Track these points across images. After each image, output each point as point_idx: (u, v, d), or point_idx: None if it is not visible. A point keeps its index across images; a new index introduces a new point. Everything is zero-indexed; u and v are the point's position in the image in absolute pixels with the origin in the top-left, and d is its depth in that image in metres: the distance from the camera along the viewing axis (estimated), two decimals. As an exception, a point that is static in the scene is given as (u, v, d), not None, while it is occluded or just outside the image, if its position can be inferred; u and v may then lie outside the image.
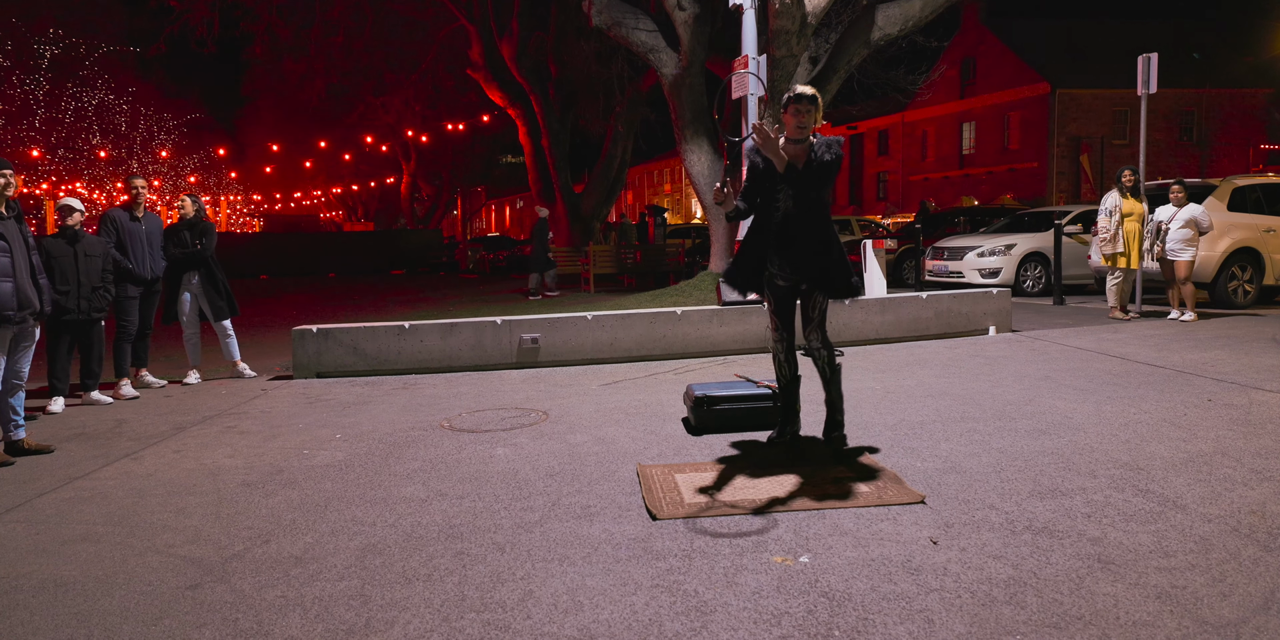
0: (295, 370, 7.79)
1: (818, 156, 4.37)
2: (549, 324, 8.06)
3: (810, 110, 4.39)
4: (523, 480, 4.36)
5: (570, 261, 19.00)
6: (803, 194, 4.39)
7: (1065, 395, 5.97)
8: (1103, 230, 10.23)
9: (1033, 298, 13.71)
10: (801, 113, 4.40)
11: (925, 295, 9.10)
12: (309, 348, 7.75)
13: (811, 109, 4.39)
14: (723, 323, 8.37)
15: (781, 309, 4.62)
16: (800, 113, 4.40)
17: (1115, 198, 10.18)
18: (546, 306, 13.45)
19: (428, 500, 4.09)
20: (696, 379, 7.03)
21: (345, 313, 14.47)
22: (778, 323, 4.65)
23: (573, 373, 7.66)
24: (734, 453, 4.74)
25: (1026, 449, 4.62)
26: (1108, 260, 10.24)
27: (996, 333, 9.24)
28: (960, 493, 3.93)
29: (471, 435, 5.39)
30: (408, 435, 5.44)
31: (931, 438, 4.91)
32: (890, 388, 6.44)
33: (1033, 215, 16.18)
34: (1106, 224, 10.17)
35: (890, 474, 4.21)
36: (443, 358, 7.88)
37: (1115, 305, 10.35)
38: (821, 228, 4.41)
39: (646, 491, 4.05)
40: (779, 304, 4.62)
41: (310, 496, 4.21)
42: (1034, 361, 7.46)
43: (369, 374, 7.78)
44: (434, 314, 12.81)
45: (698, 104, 12.85)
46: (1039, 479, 4.10)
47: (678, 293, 12.16)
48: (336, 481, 4.45)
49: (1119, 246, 10.10)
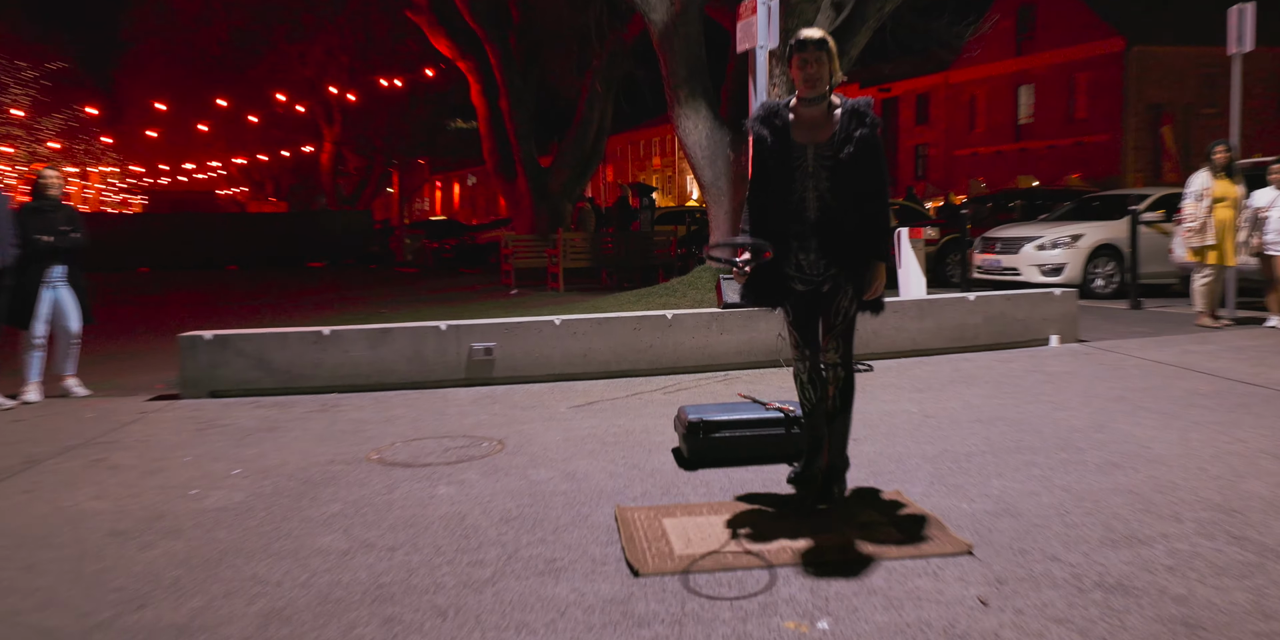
0: (183, 388, 7.72)
1: (848, 130, 4.25)
2: (506, 330, 8.02)
3: (821, 58, 4.28)
4: (471, 527, 4.32)
5: (534, 253, 19.00)
6: (835, 179, 4.29)
7: (1143, 420, 5.99)
8: (1189, 218, 10.31)
9: (1103, 300, 13.80)
10: (809, 62, 4.29)
11: (973, 297, 9.13)
12: (201, 359, 7.68)
13: (822, 56, 4.28)
14: (724, 329, 8.36)
15: (803, 320, 4.52)
16: (808, 62, 4.29)
17: (1204, 178, 10.26)
18: (504, 308, 13.43)
19: (350, 553, 4.05)
20: (691, 400, 7.02)
21: (249, 315, 14.40)
22: (799, 338, 4.54)
23: (536, 391, 7.63)
24: (737, 492, 4.72)
25: (1096, 486, 4.63)
26: (1195, 255, 10.32)
27: (1060, 343, 9.28)
28: (1016, 541, 3.93)
29: (407, 470, 5.35)
30: (326, 470, 5.39)
31: (980, 473, 4.92)
32: (930, 411, 6.45)
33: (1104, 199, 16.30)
34: (1194, 211, 10.25)
35: (930, 518, 4.21)
36: (372, 372, 7.84)
37: (1203, 310, 10.43)
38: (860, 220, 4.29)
39: (627, 541, 4.03)
40: (800, 314, 4.51)
41: (199, 549, 4.16)
42: (1105, 378, 7.48)
43: (278, 392, 7.72)
44: (362, 317, 12.75)
45: (694, 58, 12.88)
46: (1111, 524, 4.10)
47: (668, 292, 12.17)
48: (234, 529, 4.40)
49: (1209, 238, 10.18)
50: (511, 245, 19.09)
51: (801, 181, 4.36)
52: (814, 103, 4.37)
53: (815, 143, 4.35)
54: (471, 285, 20.03)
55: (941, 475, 4.90)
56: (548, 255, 18.35)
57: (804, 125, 4.40)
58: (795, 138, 4.39)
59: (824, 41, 4.31)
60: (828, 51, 4.31)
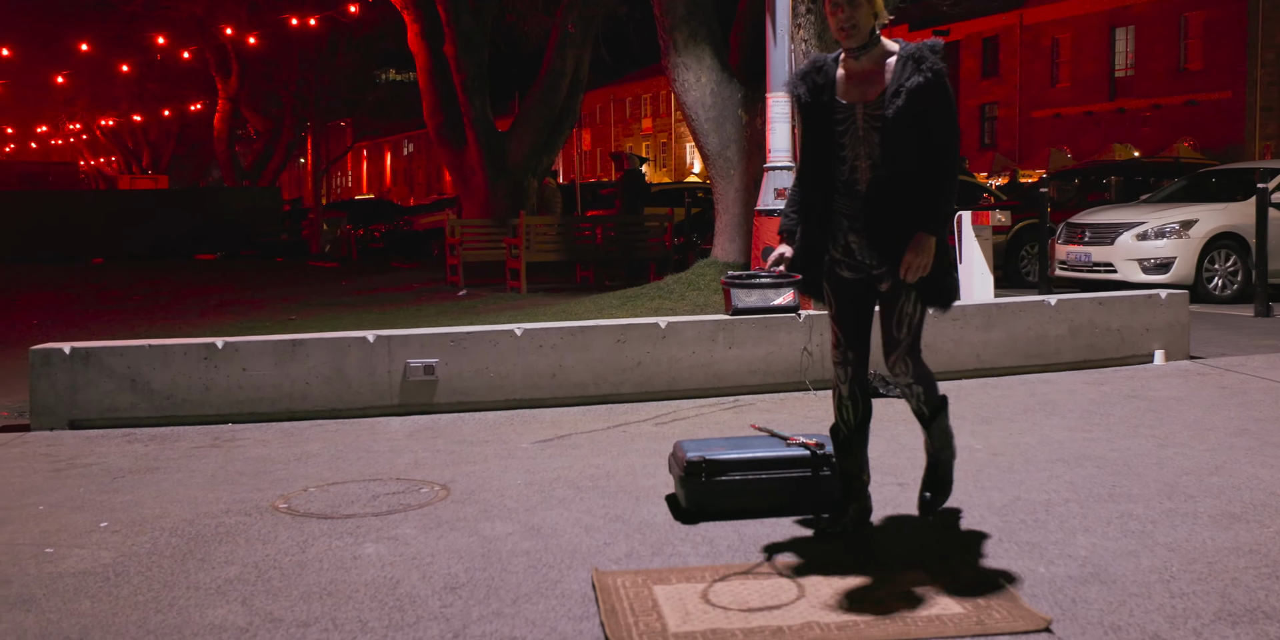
0: (34, 417, 7.70)
1: (900, 81, 4.38)
2: (452, 343, 8.03)
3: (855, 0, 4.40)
4: (407, 596, 4.33)
5: (489, 242, 18.98)
6: (888, 143, 4.41)
7: (1273, 460, 6.01)
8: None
9: (1223, 305, 13.86)
10: (840, 6, 4.41)
11: (1054, 300, 9.17)
12: (58, 379, 7.66)
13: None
14: (733, 342, 8.38)
15: (847, 314, 4.69)
16: (838, 6, 4.42)
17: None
18: (449, 315, 13.43)
19: (250, 630, 4.04)
20: (691, 433, 7.02)
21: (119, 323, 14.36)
22: (840, 336, 4.72)
23: (490, 422, 7.62)
24: (749, 552, 4.73)
25: (1212, 545, 4.65)
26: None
27: (1166, 360, 9.32)
28: (1108, 614, 3.94)
29: (324, 523, 5.34)
30: (219, 524, 5.38)
31: (1063, 527, 4.93)
32: (999, 448, 6.47)
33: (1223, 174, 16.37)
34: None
35: (999, 584, 4.22)
36: (279, 396, 7.84)
37: (1354, 318, 10.49)
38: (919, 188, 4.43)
39: (607, 614, 4.04)
40: (844, 306, 4.69)
41: (55, 624, 4.15)
42: (1224, 407, 7.51)
43: (157, 423, 7.70)
44: (266, 325, 12.73)
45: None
46: (1230, 592, 4.12)
47: (661, 294, 12.17)
48: (100, 600, 4.39)
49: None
50: (459, 233, 19.07)
51: (852, 148, 4.52)
52: (861, 53, 4.49)
53: (865, 101, 4.48)
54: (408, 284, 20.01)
55: (1013, 530, 4.91)
56: (506, 246, 18.33)
57: (853, 81, 4.54)
58: (841, 97, 4.52)
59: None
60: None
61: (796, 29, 10.96)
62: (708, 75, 12.74)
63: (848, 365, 4.72)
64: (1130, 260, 14.58)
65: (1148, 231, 14.55)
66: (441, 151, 23.46)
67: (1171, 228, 14.44)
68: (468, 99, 21.89)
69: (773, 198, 9.86)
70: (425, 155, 79.20)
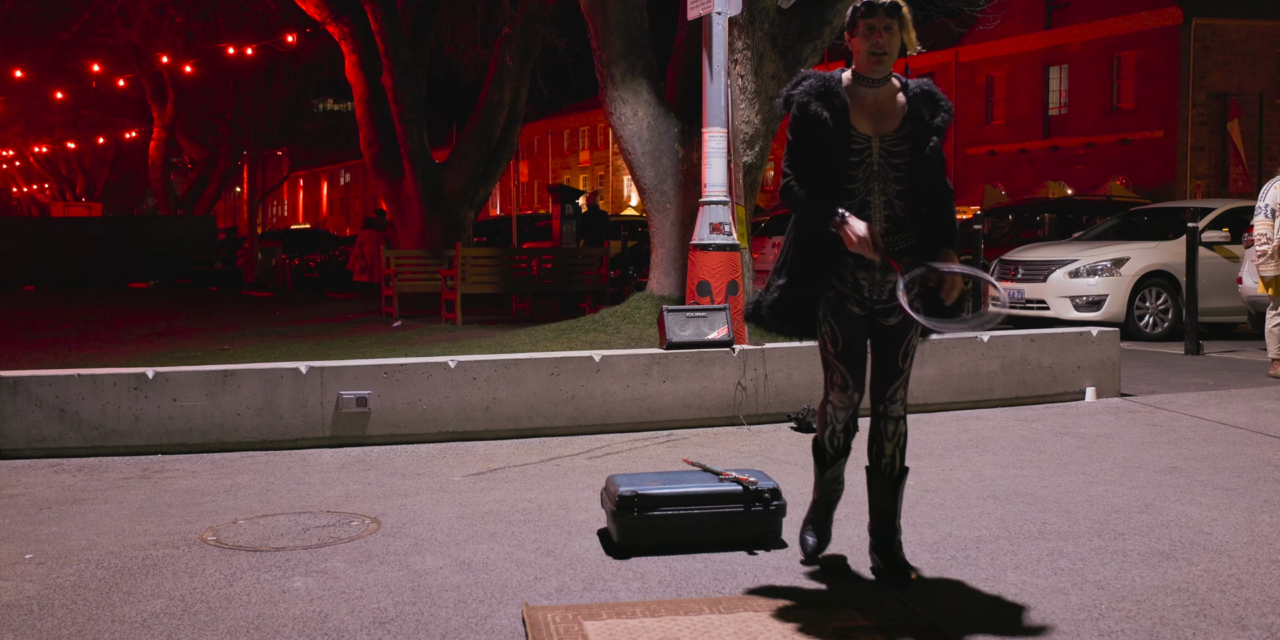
0: (-40, 446, 7.60)
1: (923, 118, 4.44)
2: (386, 375, 8.01)
3: (892, 27, 4.38)
4: (335, 631, 4.30)
5: (424, 274, 18.93)
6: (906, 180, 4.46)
7: (1202, 498, 6.10)
8: (1261, 240, 10.52)
9: (1154, 342, 14.04)
10: (877, 30, 4.37)
11: (987, 337, 9.25)
12: (-15, 409, 7.58)
13: (893, 25, 4.37)
14: (667, 376, 8.40)
15: (857, 352, 4.64)
16: (874, 30, 4.37)
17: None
18: (383, 346, 13.37)
19: (176, 664, 4.00)
20: (623, 467, 7.03)
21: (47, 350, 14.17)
22: (850, 377, 4.66)
23: (423, 454, 7.61)
24: (681, 588, 4.74)
25: (1140, 583, 4.70)
26: (1267, 287, 10.53)
27: (1097, 397, 9.43)
28: (1036, 653, 3.98)
29: (253, 556, 5.30)
30: (146, 556, 5.33)
31: (994, 564, 4.98)
32: (931, 484, 6.52)
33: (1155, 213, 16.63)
34: (1267, 230, 10.46)
35: (930, 622, 4.25)
36: (209, 427, 7.78)
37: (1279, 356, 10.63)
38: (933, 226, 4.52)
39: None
40: (852, 343, 4.62)
41: (-23, 658, 4.09)
42: (1154, 444, 7.61)
43: (85, 453, 7.62)
44: (198, 355, 12.62)
45: (633, 26, 12.98)
46: (1158, 631, 4.16)
47: (596, 326, 12.16)
48: (24, 633, 4.34)
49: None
50: (395, 264, 19.01)
51: (864, 182, 4.47)
52: (877, 84, 4.47)
53: (881, 134, 4.45)
54: (342, 315, 19.89)
55: (944, 567, 4.95)
56: (442, 277, 18.28)
57: (865, 112, 4.48)
58: (857, 126, 4.45)
59: (897, 6, 4.38)
60: (900, 18, 4.39)
61: (733, 64, 11.03)
62: (644, 109, 12.79)
63: (847, 408, 4.74)
64: (1063, 297, 14.75)
65: (1080, 269, 14.73)
66: (378, 182, 23.37)
67: (1103, 265, 14.63)
68: (405, 130, 21.87)
69: (708, 232, 9.87)
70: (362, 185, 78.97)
